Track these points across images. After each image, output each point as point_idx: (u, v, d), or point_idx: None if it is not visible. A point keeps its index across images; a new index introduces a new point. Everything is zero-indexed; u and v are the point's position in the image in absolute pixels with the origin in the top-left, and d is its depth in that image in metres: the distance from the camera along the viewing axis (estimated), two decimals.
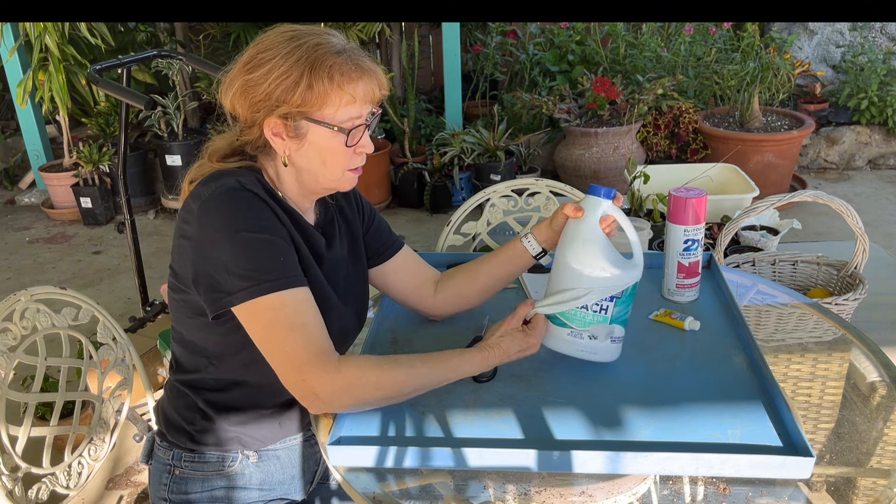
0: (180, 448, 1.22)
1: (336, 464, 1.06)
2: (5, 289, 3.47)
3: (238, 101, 1.11)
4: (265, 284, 1.04)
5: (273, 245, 1.07)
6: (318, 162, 1.13)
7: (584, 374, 1.21)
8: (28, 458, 1.34)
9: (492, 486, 1.02)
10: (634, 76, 4.43)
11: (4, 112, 5.52)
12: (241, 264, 1.04)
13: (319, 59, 1.06)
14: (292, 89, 1.06)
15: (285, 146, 1.12)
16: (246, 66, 1.09)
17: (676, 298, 1.42)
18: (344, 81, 1.07)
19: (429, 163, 4.30)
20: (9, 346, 1.34)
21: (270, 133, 1.11)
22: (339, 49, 1.08)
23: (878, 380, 1.24)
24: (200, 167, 1.17)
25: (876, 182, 4.47)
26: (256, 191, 1.10)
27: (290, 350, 1.04)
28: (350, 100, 1.09)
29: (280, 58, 1.07)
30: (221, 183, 1.09)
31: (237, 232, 1.05)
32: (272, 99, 1.07)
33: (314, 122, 1.09)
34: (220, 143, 1.19)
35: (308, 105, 1.07)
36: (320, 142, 1.11)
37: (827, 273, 1.88)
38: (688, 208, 1.34)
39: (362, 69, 1.09)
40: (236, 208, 1.07)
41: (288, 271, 1.06)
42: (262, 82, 1.07)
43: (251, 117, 1.11)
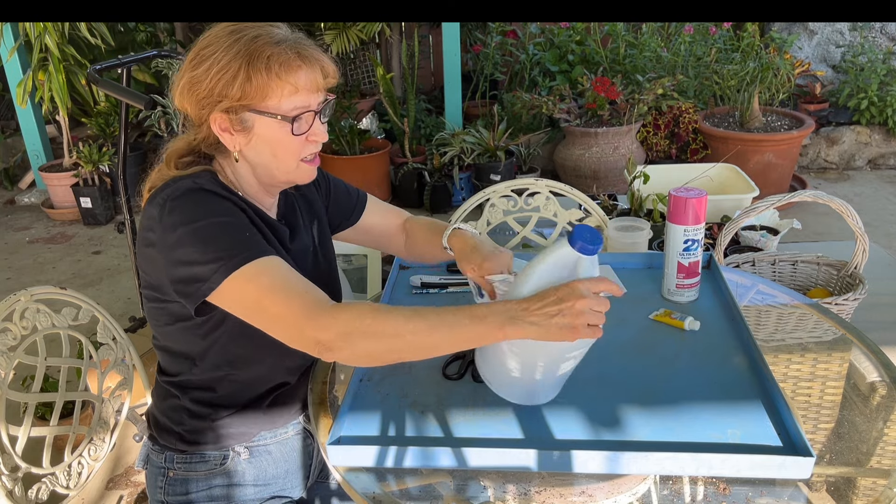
0: (172, 450, 1.23)
1: (336, 464, 1.06)
2: (5, 289, 3.47)
3: (185, 100, 1.12)
4: (235, 259, 1.02)
5: (234, 225, 1.07)
6: (269, 154, 1.13)
7: (585, 374, 1.20)
8: (28, 458, 1.34)
9: (492, 486, 1.02)
10: (634, 76, 4.42)
11: (4, 112, 5.52)
12: (209, 251, 1.03)
13: (257, 50, 1.07)
14: (231, 83, 1.07)
15: (234, 141, 1.12)
16: (190, 63, 1.10)
17: (676, 298, 1.42)
18: (283, 71, 1.07)
19: (429, 163, 4.30)
20: (9, 346, 1.34)
21: (218, 129, 1.11)
22: (278, 39, 1.08)
23: (878, 380, 1.24)
24: (159, 173, 1.17)
25: (876, 182, 4.47)
26: (214, 189, 1.11)
27: (280, 311, 1.00)
28: (292, 90, 1.08)
29: (220, 52, 1.07)
30: (178, 186, 1.10)
31: (197, 222, 1.05)
32: (214, 94, 1.08)
33: (257, 114, 1.09)
34: (177, 145, 1.19)
35: (249, 98, 1.07)
36: (267, 133, 1.11)
37: (827, 273, 1.88)
38: (688, 208, 1.34)
39: (303, 57, 1.09)
40: (194, 205, 1.07)
41: (255, 244, 1.06)
42: (204, 78, 1.08)
43: (198, 114, 1.12)
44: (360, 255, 2.53)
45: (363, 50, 5.37)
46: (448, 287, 1.50)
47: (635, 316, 1.37)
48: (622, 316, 1.38)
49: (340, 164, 4.22)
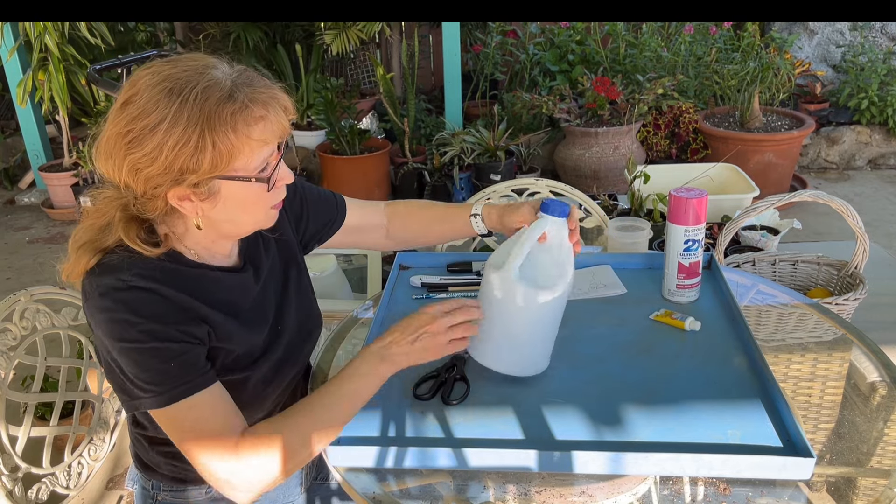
0: (158, 480, 1.21)
1: (336, 464, 1.06)
2: (5, 289, 3.46)
3: (131, 178, 0.95)
4: (158, 398, 0.98)
5: (160, 352, 0.97)
6: (238, 212, 1.01)
7: (585, 374, 1.21)
8: (28, 458, 1.34)
9: (492, 486, 1.02)
10: (634, 76, 4.42)
11: (4, 112, 5.52)
12: (136, 374, 0.98)
13: (213, 111, 0.91)
14: (194, 155, 0.92)
15: (196, 208, 0.98)
16: (126, 140, 0.93)
17: (677, 299, 1.42)
18: (249, 129, 0.94)
19: (429, 163, 4.30)
20: (9, 346, 1.34)
21: (177, 201, 0.97)
22: (229, 89, 0.93)
23: (878, 380, 1.24)
24: (75, 265, 1.02)
25: (876, 182, 4.47)
26: (141, 284, 0.98)
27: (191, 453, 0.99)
28: (260, 144, 0.96)
29: (168, 122, 0.91)
30: (101, 283, 0.98)
31: (121, 342, 0.97)
32: (174, 171, 0.93)
33: (227, 179, 0.96)
34: (87, 235, 1.03)
35: (218, 167, 0.94)
36: (237, 195, 0.99)
37: (827, 273, 1.88)
38: (688, 208, 1.34)
39: (265, 105, 0.95)
40: (117, 315, 0.96)
41: (179, 378, 0.98)
42: (157, 157, 0.92)
43: (151, 192, 0.96)
44: (360, 255, 2.53)
45: (363, 50, 5.37)
46: (449, 288, 1.49)
47: (636, 316, 1.37)
48: (622, 316, 1.38)
49: (340, 164, 4.22)
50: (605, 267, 1.55)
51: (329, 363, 1.33)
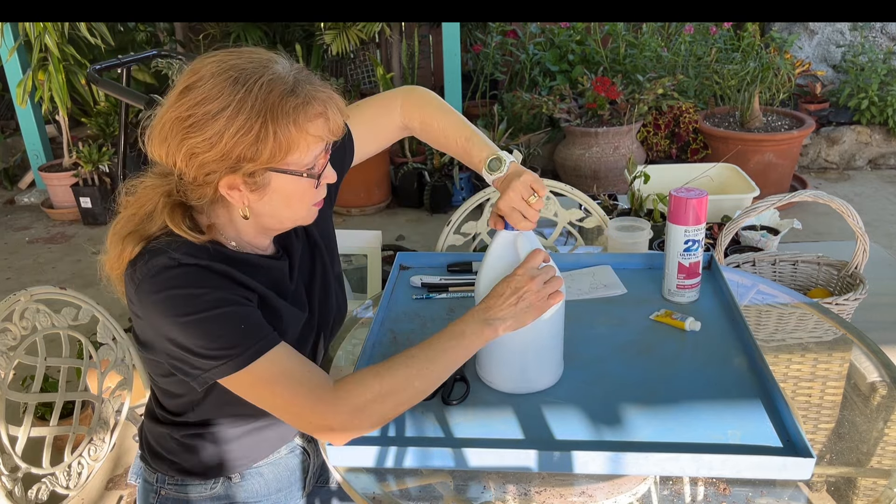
0: (164, 473, 1.21)
1: (336, 464, 1.06)
2: (5, 289, 3.46)
3: (184, 162, 0.96)
4: (236, 360, 0.97)
5: (228, 317, 0.98)
6: (283, 206, 1.03)
7: (585, 373, 1.21)
8: (28, 458, 1.34)
9: (492, 486, 1.02)
10: (634, 76, 4.42)
11: (4, 112, 5.52)
12: (205, 345, 0.97)
13: (277, 103, 0.94)
14: (254, 144, 0.94)
15: (243, 198, 1.00)
16: (186, 125, 0.94)
17: (677, 299, 1.42)
18: (308, 123, 0.96)
19: (429, 163, 4.30)
20: (9, 346, 1.34)
21: (226, 189, 0.99)
22: (291, 84, 0.96)
23: (878, 380, 1.24)
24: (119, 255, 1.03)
25: (876, 182, 4.47)
26: (194, 261, 0.99)
27: (284, 403, 1.00)
28: (316, 140, 0.99)
29: (231, 109, 0.92)
30: (150, 266, 0.98)
31: (186, 316, 0.96)
32: (231, 158, 0.94)
33: (279, 172, 0.99)
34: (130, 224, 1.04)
35: (275, 158, 0.96)
36: (286, 188, 1.01)
37: (827, 273, 1.88)
38: (688, 209, 1.34)
39: (323, 102, 0.98)
40: (173, 292, 0.97)
41: (253, 337, 0.99)
42: (216, 143, 0.93)
43: (203, 178, 0.97)
44: (360, 256, 2.53)
45: (363, 50, 5.37)
46: (449, 288, 1.49)
47: (636, 316, 1.37)
48: (623, 316, 1.38)
49: None
50: (605, 267, 1.55)
51: (329, 363, 1.33)
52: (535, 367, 1.17)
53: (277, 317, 1.08)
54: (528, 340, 1.13)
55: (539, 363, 1.17)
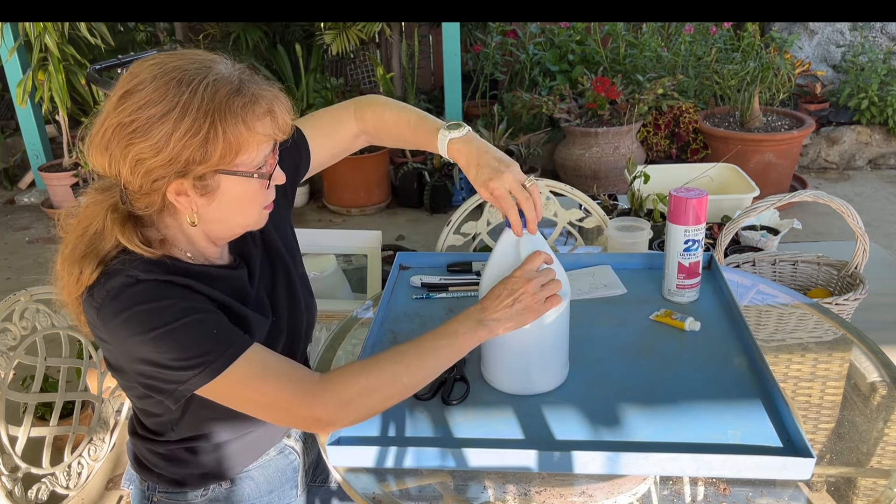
0: (153, 481, 1.20)
1: (336, 464, 1.06)
2: (5, 289, 3.46)
3: (129, 171, 0.92)
4: (212, 366, 0.95)
5: (198, 325, 0.95)
6: (233, 211, 1.00)
7: (585, 374, 1.21)
8: (28, 458, 1.34)
9: (492, 486, 1.02)
10: (634, 76, 4.42)
11: (4, 112, 5.52)
12: (177, 357, 0.94)
13: (224, 102, 0.91)
14: (204, 146, 0.91)
15: (192, 204, 0.97)
16: (129, 130, 0.90)
17: (677, 299, 1.42)
18: (256, 122, 0.94)
19: (429, 163, 4.30)
20: (9, 346, 1.34)
21: (174, 195, 0.95)
22: (237, 84, 0.93)
23: (878, 380, 1.24)
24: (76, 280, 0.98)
25: (876, 182, 4.47)
26: (152, 277, 0.96)
27: (270, 401, 0.98)
28: (266, 139, 0.97)
29: (178, 111, 0.90)
30: (109, 287, 0.95)
31: (154, 331, 0.93)
32: (180, 162, 0.91)
33: (228, 174, 0.96)
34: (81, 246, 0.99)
35: (225, 159, 0.93)
36: (235, 190, 0.98)
37: (827, 273, 1.88)
38: (688, 208, 1.34)
39: (270, 101, 0.96)
40: (136, 308, 0.94)
41: (226, 341, 0.96)
42: (163, 147, 0.90)
43: (150, 186, 0.94)
44: (360, 256, 2.53)
45: (363, 50, 5.37)
46: (449, 288, 1.49)
47: (636, 316, 1.37)
48: (623, 316, 1.38)
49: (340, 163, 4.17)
50: (605, 267, 1.55)
51: (329, 363, 1.33)
52: (539, 370, 1.16)
53: (244, 324, 1.06)
54: (532, 343, 1.13)
55: (543, 365, 1.17)
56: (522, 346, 1.14)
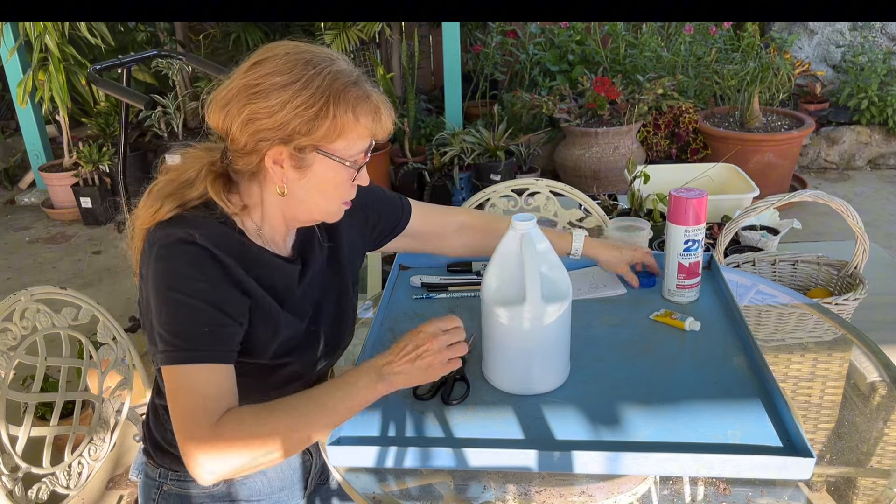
0: (167, 468, 1.21)
1: (336, 464, 1.06)
2: (5, 289, 3.46)
3: (239, 128, 1.02)
4: (181, 353, 0.98)
5: (200, 313, 1.00)
6: (317, 193, 1.07)
7: (585, 373, 1.21)
8: (28, 458, 1.34)
9: (492, 486, 1.02)
10: (634, 76, 4.42)
11: (4, 112, 5.52)
12: (166, 325, 0.99)
13: (340, 89, 1.01)
14: (313, 121, 1.00)
15: (284, 175, 1.05)
16: (252, 91, 1.00)
17: (677, 299, 1.42)
18: (363, 116, 1.03)
19: (429, 163, 4.30)
20: (9, 346, 1.34)
21: (271, 161, 1.03)
22: (354, 79, 1.03)
23: (878, 380, 1.24)
24: (153, 211, 1.07)
25: (876, 182, 4.47)
26: (206, 244, 1.02)
27: (176, 418, 0.98)
28: (366, 133, 1.05)
29: (300, 84, 0.99)
30: (170, 233, 1.03)
31: (169, 290, 1.00)
32: (287, 129, 1.00)
33: (324, 155, 1.04)
34: (170, 187, 1.08)
35: (327, 139, 1.02)
36: (325, 174, 1.05)
37: (827, 273, 1.88)
38: (688, 209, 1.34)
39: (378, 102, 1.06)
40: (176, 264, 1.01)
41: (208, 344, 0.99)
42: (277, 111, 0.99)
43: (254, 146, 1.03)
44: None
45: (363, 50, 5.37)
46: (449, 288, 1.50)
47: (636, 316, 1.37)
48: (623, 316, 1.38)
49: None
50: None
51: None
52: (540, 370, 1.17)
53: (266, 317, 1.08)
54: (533, 343, 1.13)
55: (544, 366, 1.17)
56: (524, 347, 1.14)
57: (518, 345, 1.13)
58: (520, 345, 1.13)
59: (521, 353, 1.14)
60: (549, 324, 1.12)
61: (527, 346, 1.14)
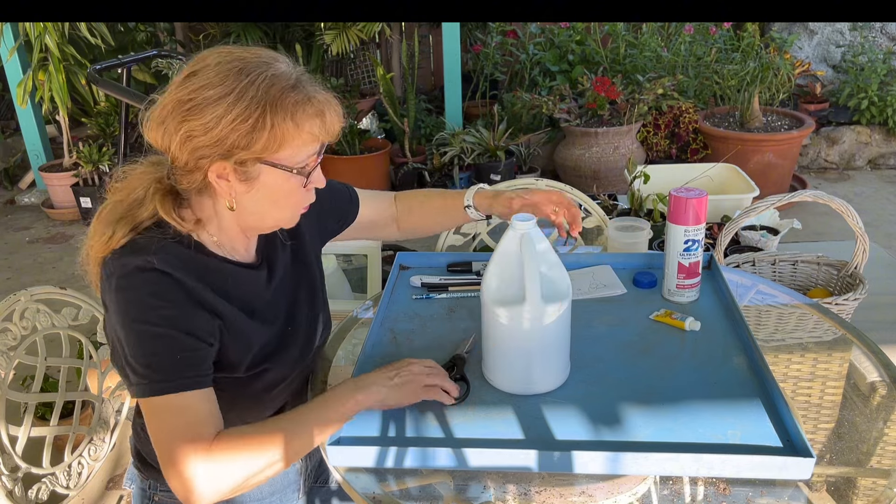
0: (155, 480, 1.20)
1: (336, 464, 1.06)
2: (5, 289, 3.46)
3: (178, 146, 0.98)
4: (156, 385, 0.96)
5: (170, 340, 0.97)
6: (269, 203, 1.03)
7: (585, 373, 1.21)
8: (28, 458, 1.34)
9: (492, 486, 1.02)
10: (634, 76, 4.43)
11: (4, 112, 5.52)
12: (138, 357, 0.97)
13: (277, 97, 0.96)
14: (250, 133, 0.95)
15: (231, 189, 1.01)
16: (186, 108, 0.96)
17: (677, 299, 1.42)
18: (305, 121, 0.98)
19: (429, 163, 4.30)
20: (9, 346, 1.34)
21: (215, 177, 0.99)
22: (293, 82, 0.98)
23: (878, 380, 1.24)
24: (107, 239, 1.03)
25: (876, 182, 4.47)
26: (166, 268, 0.99)
27: (160, 451, 0.97)
28: (311, 139, 1.00)
29: (233, 97, 0.94)
30: (126, 262, 0.99)
31: (135, 322, 0.97)
32: (225, 145, 0.96)
33: (270, 165, 0.99)
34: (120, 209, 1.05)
35: (266, 150, 0.97)
36: (273, 184, 1.01)
37: (827, 273, 1.88)
38: (688, 208, 1.34)
39: (322, 104, 1.00)
40: (137, 294, 0.98)
41: (182, 372, 0.98)
42: (213, 127, 0.95)
43: (195, 163, 0.99)
44: (360, 256, 2.53)
45: (363, 50, 5.37)
46: (449, 288, 1.49)
47: (636, 316, 1.37)
48: (623, 316, 1.38)
49: (340, 164, 4.22)
50: (605, 267, 1.55)
51: (329, 363, 1.33)
52: (540, 370, 1.16)
53: (239, 333, 1.07)
54: (533, 342, 1.13)
55: (544, 365, 1.17)
56: (524, 347, 1.14)
57: (518, 345, 1.13)
58: (520, 345, 1.13)
59: (521, 352, 1.14)
60: (549, 324, 1.12)
61: (527, 346, 1.14)
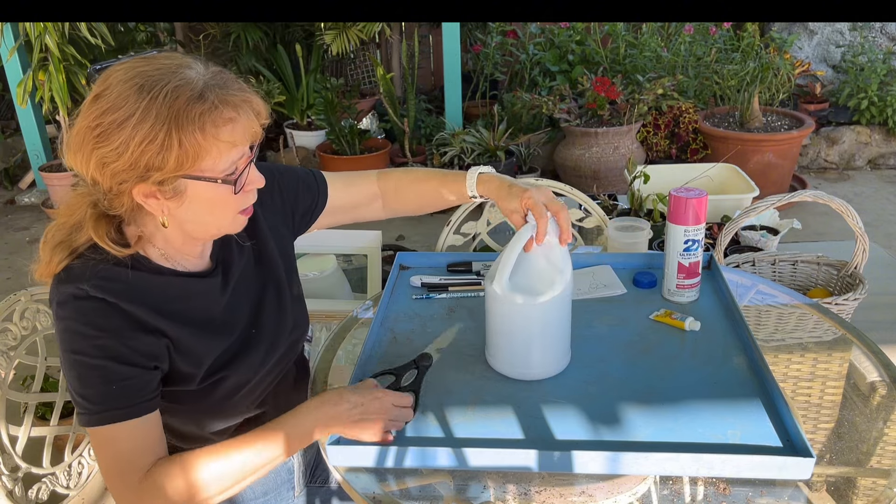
0: None
1: (336, 464, 1.06)
2: (5, 289, 3.46)
3: (97, 172, 0.95)
4: (93, 416, 0.97)
5: (105, 371, 0.97)
6: (205, 213, 1.00)
7: (585, 374, 1.21)
8: (28, 458, 1.34)
9: (492, 486, 1.02)
10: (634, 76, 4.42)
11: (4, 112, 5.52)
12: (75, 388, 0.99)
13: (182, 110, 0.91)
14: (160, 153, 0.91)
15: (161, 206, 0.98)
16: (95, 134, 0.92)
17: (677, 299, 1.42)
18: (217, 130, 0.93)
19: (429, 163, 4.30)
20: (9, 346, 1.34)
21: (142, 197, 0.96)
22: (200, 89, 0.93)
23: (878, 380, 1.24)
24: (48, 265, 1.02)
25: (876, 182, 4.47)
26: (101, 295, 0.98)
27: (106, 477, 1.00)
28: (228, 146, 0.96)
29: (136, 118, 0.90)
30: (62, 290, 0.98)
31: (69, 352, 0.97)
32: (139, 167, 0.92)
33: (193, 179, 0.96)
34: (60, 234, 1.03)
35: (182, 166, 0.93)
36: (204, 195, 0.98)
37: (827, 273, 1.88)
38: (688, 208, 1.34)
39: (235, 106, 0.95)
40: (72, 324, 0.97)
41: (118, 402, 0.98)
42: (123, 152, 0.91)
43: (117, 187, 0.95)
44: (360, 256, 2.53)
45: (363, 50, 5.37)
46: (449, 288, 1.49)
47: (636, 316, 1.37)
48: (623, 316, 1.38)
49: (340, 164, 4.22)
50: (605, 267, 1.55)
51: (329, 363, 1.33)
52: (540, 353, 1.19)
53: (189, 349, 1.06)
54: (533, 325, 1.15)
55: (544, 348, 1.19)
56: (524, 327, 1.15)
57: (516, 328, 1.15)
58: (518, 328, 1.15)
59: (520, 334, 1.16)
60: (548, 302, 1.13)
61: (527, 326, 1.15)
